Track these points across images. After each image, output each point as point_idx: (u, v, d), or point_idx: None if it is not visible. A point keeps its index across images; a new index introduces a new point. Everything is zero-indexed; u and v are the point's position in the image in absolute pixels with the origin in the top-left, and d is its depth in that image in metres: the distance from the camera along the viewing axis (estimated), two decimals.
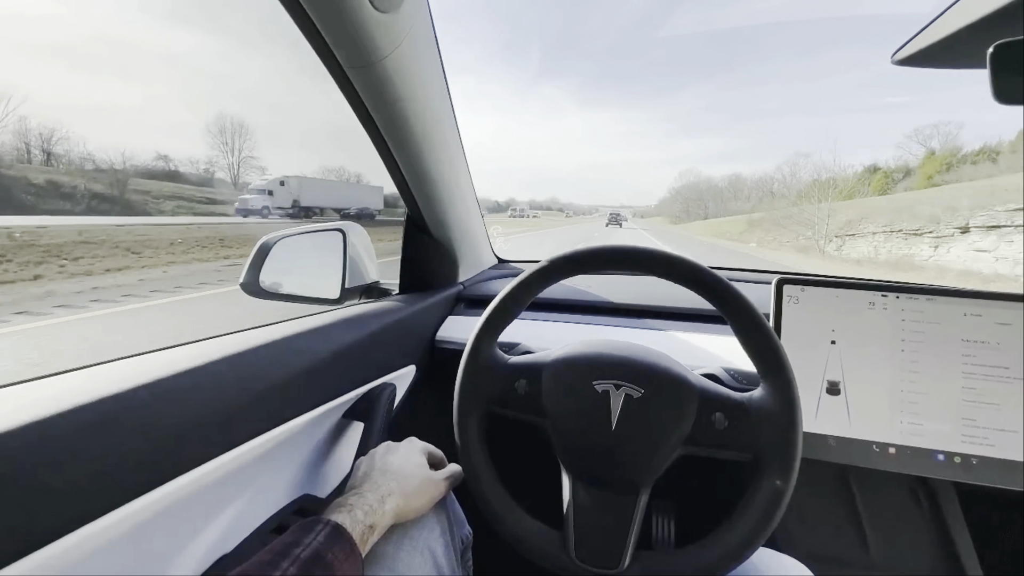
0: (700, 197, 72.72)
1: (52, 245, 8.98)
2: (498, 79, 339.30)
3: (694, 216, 64.65)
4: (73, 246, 9.09)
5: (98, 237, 10.35)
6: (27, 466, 0.34)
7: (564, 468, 0.53)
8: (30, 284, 6.46)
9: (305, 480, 0.63)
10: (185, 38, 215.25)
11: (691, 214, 67.59)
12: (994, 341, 0.61)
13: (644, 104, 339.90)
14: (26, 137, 35.72)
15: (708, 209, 65.78)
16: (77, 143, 38.05)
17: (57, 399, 0.38)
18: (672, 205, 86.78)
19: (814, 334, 0.67)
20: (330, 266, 0.93)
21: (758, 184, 63.64)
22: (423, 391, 0.87)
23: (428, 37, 0.66)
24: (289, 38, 0.54)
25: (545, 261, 0.55)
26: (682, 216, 68.85)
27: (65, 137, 37.07)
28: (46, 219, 15.74)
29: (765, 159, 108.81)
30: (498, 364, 0.57)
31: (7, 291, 5.94)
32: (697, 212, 67.46)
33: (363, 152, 0.77)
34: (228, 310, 5.01)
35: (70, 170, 31.09)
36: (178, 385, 0.45)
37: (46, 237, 9.72)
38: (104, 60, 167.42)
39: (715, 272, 0.50)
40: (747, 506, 0.48)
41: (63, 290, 6.18)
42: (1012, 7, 0.42)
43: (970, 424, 0.61)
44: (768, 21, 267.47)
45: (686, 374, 0.53)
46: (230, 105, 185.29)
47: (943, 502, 0.84)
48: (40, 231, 10.49)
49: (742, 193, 64.65)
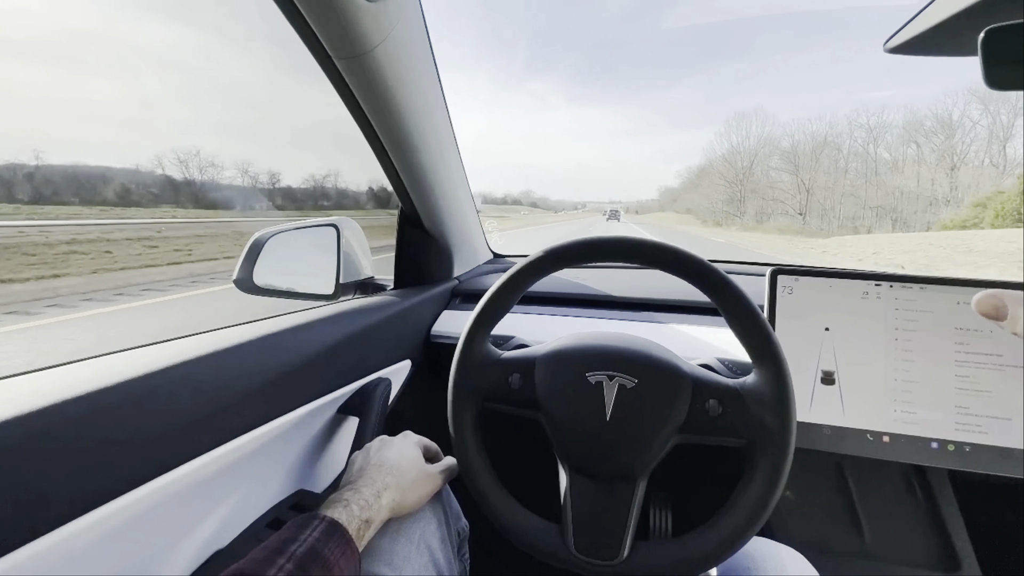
0: (740, 181, 48.31)
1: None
2: (483, 74, 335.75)
3: (731, 215, 42.68)
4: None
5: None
6: (16, 461, 0.34)
7: (560, 460, 0.53)
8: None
9: (300, 475, 0.63)
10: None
11: (718, 211, 43.84)
12: (987, 329, 0.61)
13: (632, 98, 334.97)
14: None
15: (745, 207, 43.02)
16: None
17: (46, 393, 0.37)
18: (688, 195, 65.77)
19: (808, 324, 0.67)
20: (324, 262, 0.93)
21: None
22: (418, 386, 0.87)
23: (418, 26, 0.65)
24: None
25: (536, 254, 0.55)
26: (707, 214, 46.91)
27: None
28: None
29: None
30: (491, 359, 0.57)
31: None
32: (729, 210, 44.05)
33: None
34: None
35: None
36: (171, 380, 0.45)
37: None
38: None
39: (707, 261, 0.50)
40: (742, 493, 0.48)
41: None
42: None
43: (963, 412, 0.61)
44: (758, 14, 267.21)
45: (679, 362, 0.53)
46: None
47: (937, 490, 0.85)
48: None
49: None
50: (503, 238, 13.62)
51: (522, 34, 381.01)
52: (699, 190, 59.98)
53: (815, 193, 36.82)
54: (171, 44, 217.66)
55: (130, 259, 9.00)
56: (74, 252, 9.26)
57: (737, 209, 47.17)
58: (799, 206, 36.82)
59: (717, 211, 49.43)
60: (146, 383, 0.43)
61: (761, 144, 52.95)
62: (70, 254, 9.10)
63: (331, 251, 0.93)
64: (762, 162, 49.39)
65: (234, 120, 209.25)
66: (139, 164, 47.03)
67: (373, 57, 0.58)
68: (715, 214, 49.22)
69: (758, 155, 51.50)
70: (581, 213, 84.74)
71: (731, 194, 49.76)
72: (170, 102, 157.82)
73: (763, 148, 52.03)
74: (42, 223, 13.36)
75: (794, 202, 37.47)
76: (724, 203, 49.23)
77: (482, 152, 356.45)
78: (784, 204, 38.75)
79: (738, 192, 49.21)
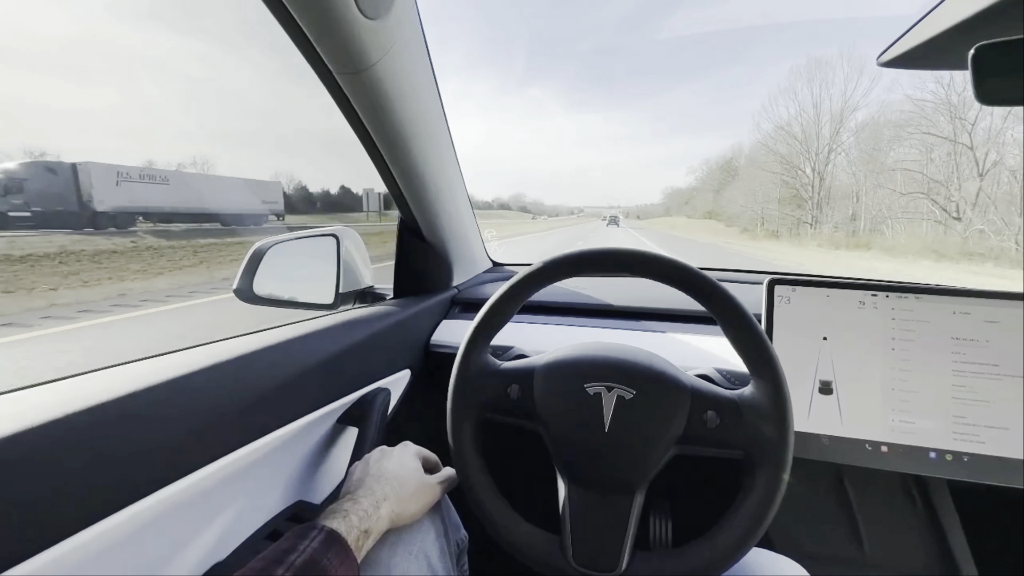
0: (817, 166, 27.81)
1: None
2: (482, 81, 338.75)
3: (792, 222, 27.39)
4: None
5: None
6: (16, 475, 0.34)
7: (559, 471, 0.53)
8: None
9: (299, 486, 0.63)
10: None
11: (770, 215, 28.99)
12: (983, 339, 0.61)
13: (632, 105, 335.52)
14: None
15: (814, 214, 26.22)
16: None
17: (46, 407, 0.37)
18: (705, 196, 51.03)
19: (806, 334, 0.67)
20: (324, 271, 0.93)
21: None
22: (418, 396, 0.87)
23: (418, 42, 0.66)
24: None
25: (534, 265, 0.55)
26: (742, 219, 31.72)
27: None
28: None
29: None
30: (490, 370, 0.57)
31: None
32: (793, 214, 27.67)
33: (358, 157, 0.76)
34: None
35: None
36: (169, 392, 0.45)
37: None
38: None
39: (703, 272, 0.51)
40: (741, 504, 0.48)
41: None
42: (993, 9, 0.43)
43: (961, 421, 0.61)
44: (757, 24, 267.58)
45: (677, 374, 0.53)
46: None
47: (937, 499, 0.84)
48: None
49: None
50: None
51: (521, 42, 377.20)
52: (726, 189, 42.10)
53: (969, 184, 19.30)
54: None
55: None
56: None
57: (808, 212, 28.17)
58: (952, 204, 19.72)
59: (766, 215, 31.05)
60: (145, 397, 0.43)
61: (853, 104, 29.34)
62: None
63: (331, 260, 0.94)
64: (868, 134, 27.10)
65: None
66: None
67: (374, 73, 0.58)
68: (757, 220, 31.74)
69: (849, 119, 28.72)
70: (577, 219, 76.93)
71: (791, 190, 29.51)
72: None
73: (859, 110, 28.70)
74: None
75: (942, 196, 20.22)
76: (781, 204, 29.96)
77: (479, 160, 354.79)
78: (918, 200, 21.39)
79: (810, 185, 28.47)
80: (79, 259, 9.37)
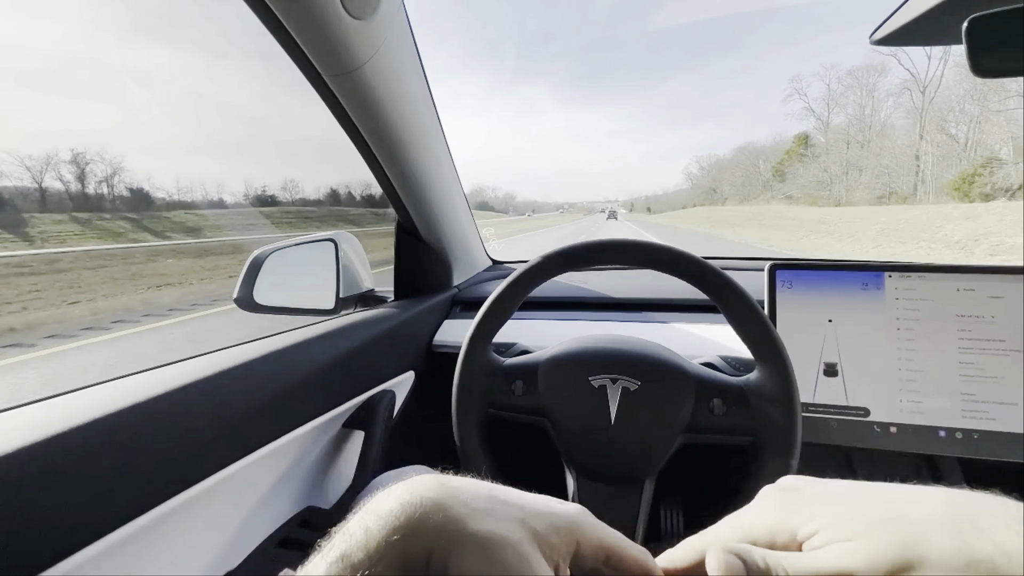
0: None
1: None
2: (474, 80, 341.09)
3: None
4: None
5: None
6: (25, 491, 0.34)
7: (567, 465, 0.53)
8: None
9: (308, 492, 0.63)
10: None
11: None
12: (988, 315, 0.61)
13: (625, 98, 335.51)
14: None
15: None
16: None
17: (55, 421, 0.37)
18: (734, 177, 43.39)
19: (809, 318, 0.67)
20: (324, 277, 0.93)
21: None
22: (422, 396, 0.87)
23: (406, 41, 0.66)
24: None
25: (533, 260, 0.55)
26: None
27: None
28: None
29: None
30: (494, 367, 0.57)
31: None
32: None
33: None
34: None
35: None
36: (175, 402, 0.45)
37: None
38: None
39: (705, 260, 0.50)
40: (751, 490, 0.47)
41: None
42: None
43: (969, 399, 0.61)
44: (744, 10, 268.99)
45: (681, 362, 0.53)
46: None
47: (948, 479, 0.84)
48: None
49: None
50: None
51: (511, 39, 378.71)
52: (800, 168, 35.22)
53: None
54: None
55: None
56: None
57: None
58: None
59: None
60: (151, 407, 0.43)
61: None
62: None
63: (330, 266, 0.93)
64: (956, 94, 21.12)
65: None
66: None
67: (363, 73, 0.58)
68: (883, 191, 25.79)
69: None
70: (557, 216, 64.70)
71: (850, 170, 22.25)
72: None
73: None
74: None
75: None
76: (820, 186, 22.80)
77: (472, 160, 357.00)
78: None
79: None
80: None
